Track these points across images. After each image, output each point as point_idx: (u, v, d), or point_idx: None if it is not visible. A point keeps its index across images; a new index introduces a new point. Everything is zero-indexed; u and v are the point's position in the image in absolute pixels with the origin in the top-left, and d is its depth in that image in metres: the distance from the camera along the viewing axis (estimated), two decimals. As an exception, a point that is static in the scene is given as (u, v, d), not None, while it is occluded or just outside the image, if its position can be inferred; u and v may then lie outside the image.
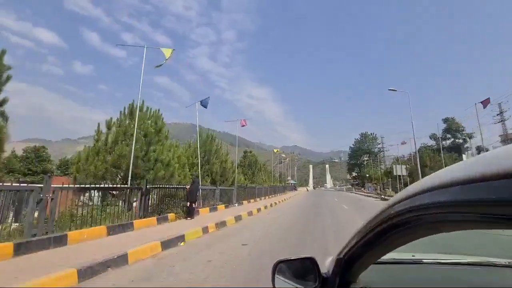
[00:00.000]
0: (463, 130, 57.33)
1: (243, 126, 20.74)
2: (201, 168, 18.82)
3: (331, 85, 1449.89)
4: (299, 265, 0.96)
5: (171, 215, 9.13)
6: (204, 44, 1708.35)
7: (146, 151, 10.71)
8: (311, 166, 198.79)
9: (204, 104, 14.37)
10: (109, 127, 10.93)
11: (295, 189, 61.48)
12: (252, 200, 20.08)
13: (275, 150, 33.88)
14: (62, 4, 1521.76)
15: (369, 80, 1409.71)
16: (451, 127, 57.83)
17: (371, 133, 70.21)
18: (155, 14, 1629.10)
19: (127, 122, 11.12)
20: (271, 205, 17.88)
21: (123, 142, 10.40)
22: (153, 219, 8.31)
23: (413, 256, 1.18)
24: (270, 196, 27.70)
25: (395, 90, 25.53)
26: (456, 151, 47.40)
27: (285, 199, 25.55)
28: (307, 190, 68.40)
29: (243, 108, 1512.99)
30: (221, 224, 8.73)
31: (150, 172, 10.61)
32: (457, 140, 57.21)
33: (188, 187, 10.19)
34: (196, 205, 10.27)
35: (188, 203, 9.71)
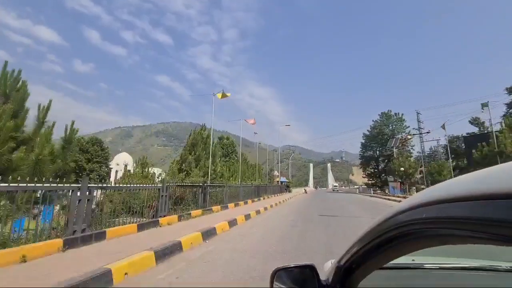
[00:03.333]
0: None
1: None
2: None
3: (333, 85, 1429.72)
4: (299, 272, 0.91)
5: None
6: (205, 43, 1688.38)
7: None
8: (311, 164, 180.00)
9: None
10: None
11: (288, 190, 42.25)
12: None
13: (218, 95, 15.30)
14: (62, 2, 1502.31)
15: (370, 80, 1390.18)
16: (522, 99, 38.71)
17: (396, 113, 49.23)
18: (155, 12, 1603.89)
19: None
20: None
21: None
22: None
23: (413, 260, 1.12)
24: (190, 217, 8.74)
25: None
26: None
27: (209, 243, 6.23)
28: (305, 192, 47.69)
29: (244, 108, 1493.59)
30: None
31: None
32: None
33: None
34: None
35: None
